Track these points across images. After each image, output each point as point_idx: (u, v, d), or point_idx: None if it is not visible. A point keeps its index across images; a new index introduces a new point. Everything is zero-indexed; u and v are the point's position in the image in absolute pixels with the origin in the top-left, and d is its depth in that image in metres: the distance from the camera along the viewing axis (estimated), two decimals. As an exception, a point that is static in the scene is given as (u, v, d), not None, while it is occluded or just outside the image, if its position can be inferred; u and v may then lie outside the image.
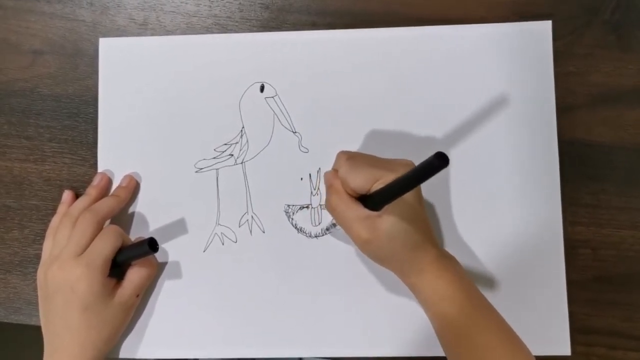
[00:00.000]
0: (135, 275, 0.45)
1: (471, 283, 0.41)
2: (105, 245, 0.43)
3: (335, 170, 0.43)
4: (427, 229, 0.41)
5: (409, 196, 0.39)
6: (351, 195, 0.41)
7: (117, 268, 0.44)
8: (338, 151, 0.43)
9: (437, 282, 0.40)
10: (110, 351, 0.45)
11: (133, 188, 0.48)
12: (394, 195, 0.37)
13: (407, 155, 0.46)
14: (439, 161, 0.31)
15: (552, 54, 0.46)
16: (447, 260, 0.41)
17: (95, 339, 0.43)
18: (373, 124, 0.47)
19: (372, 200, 0.39)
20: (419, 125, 0.47)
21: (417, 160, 0.45)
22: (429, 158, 0.31)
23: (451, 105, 0.47)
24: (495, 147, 0.46)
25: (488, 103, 0.47)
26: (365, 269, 0.46)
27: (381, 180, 0.39)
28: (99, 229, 0.44)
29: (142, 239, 0.44)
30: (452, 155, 0.46)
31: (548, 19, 0.47)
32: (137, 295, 0.45)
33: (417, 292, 0.41)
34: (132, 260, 0.44)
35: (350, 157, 0.41)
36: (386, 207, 0.39)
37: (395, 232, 0.38)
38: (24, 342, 0.99)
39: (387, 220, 0.38)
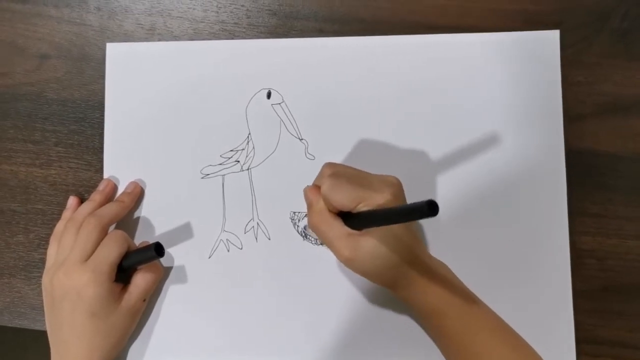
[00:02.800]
0: (141, 280, 0.45)
1: (462, 289, 0.41)
2: (111, 251, 0.43)
3: (316, 186, 0.42)
4: (413, 245, 0.40)
5: (385, 228, 0.38)
6: (332, 212, 0.40)
7: (122, 273, 0.44)
8: (325, 164, 0.42)
9: (425, 296, 0.40)
10: (117, 357, 0.45)
11: (138, 194, 0.48)
12: (377, 223, 0.37)
13: (415, 162, 0.46)
14: (429, 210, 0.30)
15: (560, 63, 0.46)
16: (434, 272, 0.40)
17: (103, 344, 0.43)
18: (380, 131, 0.47)
19: (355, 222, 0.39)
20: (426, 133, 0.47)
21: (419, 169, 0.46)
22: (420, 203, 0.31)
23: (459, 113, 0.47)
24: (502, 155, 0.46)
25: (496, 111, 0.46)
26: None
27: (365, 202, 0.38)
28: (103, 234, 0.44)
29: (147, 244, 0.44)
30: (458, 163, 0.46)
31: (556, 28, 0.46)
32: (144, 300, 0.45)
33: (408, 305, 0.42)
34: (138, 265, 0.44)
35: (333, 174, 0.40)
36: (363, 231, 0.39)
37: (377, 252, 0.38)
38: (24, 344, 0.99)
39: (369, 241, 0.38)
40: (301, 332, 0.46)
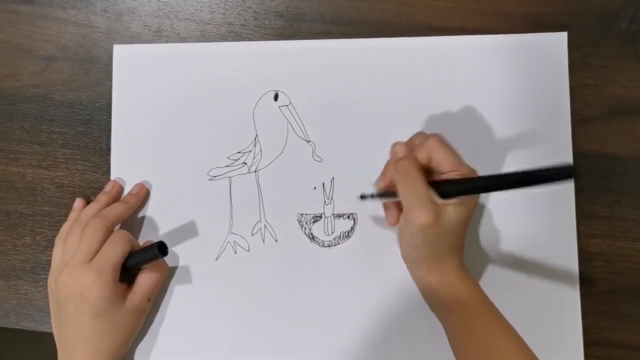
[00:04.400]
0: (145, 279, 0.45)
1: (484, 292, 0.41)
2: (115, 251, 0.43)
3: (406, 145, 0.41)
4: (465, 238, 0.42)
5: (474, 203, 0.40)
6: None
7: (127, 273, 0.44)
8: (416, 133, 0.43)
9: (459, 286, 0.40)
10: (124, 356, 0.45)
11: (143, 196, 0.48)
12: (486, 190, 0.38)
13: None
14: (567, 173, 0.29)
15: (567, 65, 0.46)
16: (467, 269, 0.42)
17: (109, 344, 0.43)
18: (388, 133, 0.47)
19: (450, 187, 0.38)
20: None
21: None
22: (558, 165, 0.30)
23: (466, 115, 0.47)
24: (509, 158, 0.46)
25: (503, 114, 0.46)
26: (379, 279, 0.46)
27: (460, 172, 0.38)
28: (107, 234, 0.44)
29: (151, 243, 0.44)
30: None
31: (564, 30, 0.46)
32: (149, 300, 0.45)
33: (436, 293, 0.42)
34: (142, 264, 0.44)
35: (437, 134, 0.40)
36: (451, 201, 0.38)
37: (453, 228, 0.39)
38: (26, 345, 0.99)
39: (452, 215, 0.38)
40: (307, 334, 0.46)
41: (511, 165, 0.46)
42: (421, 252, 0.41)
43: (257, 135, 0.48)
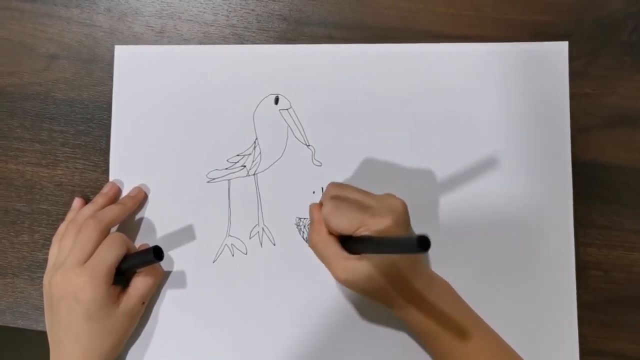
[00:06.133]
0: (140, 282, 0.44)
1: (460, 309, 0.41)
2: (109, 254, 0.43)
3: (320, 204, 0.43)
4: (409, 269, 0.39)
5: (378, 258, 0.39)
6: (332, 234, 0.41)
7: (121, 275, 0.44)
8: (329, 183, 0.44)
9: (420, 317, 0.40)
10: (115, 359, 0.45)
11: (140, 199, 0.48)
12: (371, 251, 0.38)
13: (421, 170, 0.46)
14: (419, 246, 0.30)
15: (567, 74, 0.46)
16: (431, 294, 0.40)
17: (100, 347, 0.43)
18: (387, 139, 0.47)
19: (353, 246, 0.39)
20: (433, 142, 0.47)
21: (425, 177, 0.46)
22: (411, 238, 0.31)
23: (465, 122, 0.47)
24: (508, 166, 0.46)
25: (502, 122, 0.46)
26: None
27: (365, 227, 0.38)
28: (102, 236, 0.44)
29: (147, 247, 0.44)
30: (464, 172, 0.46)
31: (565, 39, 0.47)
32: (143, 303, 0.45)
33: (404, 324, 0.42)
34: (137, 268, 0.44)
35: (335, 197, 0.41)
36: (355, 256, 0.39)
37: (370, 277, 0.38)
38: (23, 344, 0.98)
39: (363, 265, 0.38)
40: (304, 339, 0.46)
41: (510, 174, 0.46)
42: (367, 299, 0.41)
43: (256, 139, 0.48)
